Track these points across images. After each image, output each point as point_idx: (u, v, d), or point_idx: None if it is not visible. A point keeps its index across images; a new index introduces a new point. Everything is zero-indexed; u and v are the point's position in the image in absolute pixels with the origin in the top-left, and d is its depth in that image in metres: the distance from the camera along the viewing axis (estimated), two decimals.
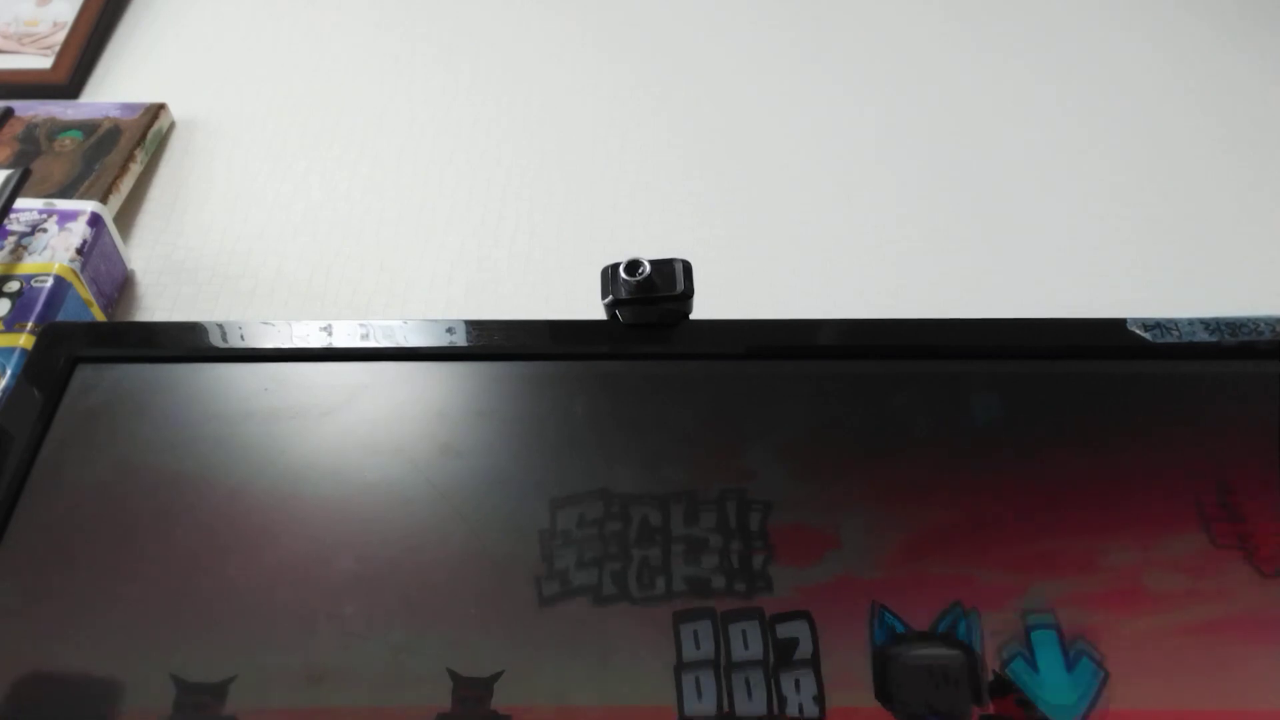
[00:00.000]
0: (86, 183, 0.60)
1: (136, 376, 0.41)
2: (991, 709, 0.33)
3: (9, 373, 0.48)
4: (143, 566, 0.36)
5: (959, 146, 0.65)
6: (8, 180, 0.54)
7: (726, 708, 0.33)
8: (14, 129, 0.64)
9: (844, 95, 0.68)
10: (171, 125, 0.68)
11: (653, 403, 0.40)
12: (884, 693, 0.33)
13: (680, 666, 0.34)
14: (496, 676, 0.34)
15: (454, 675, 0.34)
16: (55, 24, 0.73)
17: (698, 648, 0.34)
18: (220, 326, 0.42)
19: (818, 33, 0.72)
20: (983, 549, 0.36)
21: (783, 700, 0.33)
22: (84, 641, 0.35)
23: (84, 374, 0.41)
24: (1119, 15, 0.72)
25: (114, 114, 0.65)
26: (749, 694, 0.33)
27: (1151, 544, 0.36)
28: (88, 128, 0.64)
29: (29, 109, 0.66)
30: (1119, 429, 0.39)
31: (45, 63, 0.71)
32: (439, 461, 0.38)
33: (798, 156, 0.64)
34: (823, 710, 0.33)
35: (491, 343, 0.41)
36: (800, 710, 0.33)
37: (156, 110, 0.66)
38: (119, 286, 0.58)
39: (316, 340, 0.42)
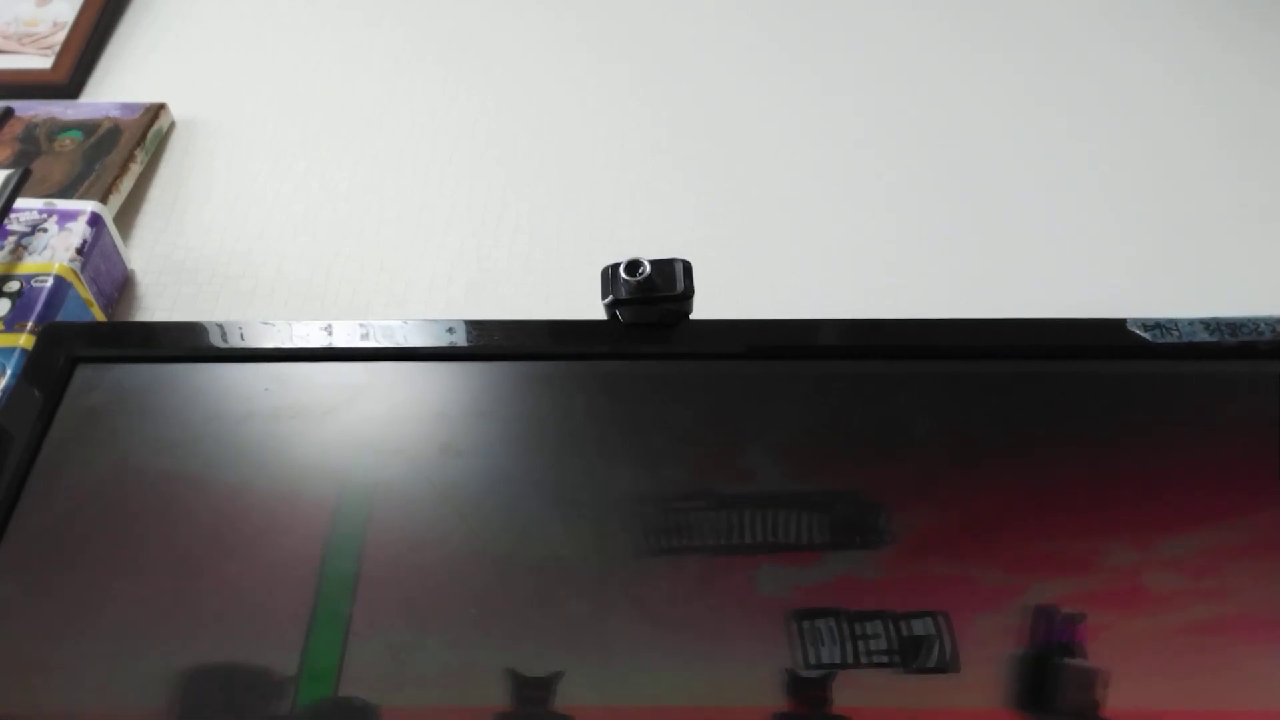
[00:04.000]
0: (86, 183, 0.60)
1: (136, 376, 0.41)
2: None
3: (9, 373, 0.48)
4: (143, 566, 0.36)
5: (959, 147, 0.65)
6: (8, 180, 0.54)
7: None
8: (14, 129, 0.64)
9: (844, 95, 0.68)
10: (171, 125, 0.68)
11: (653, 403, 0.40)
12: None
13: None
14: (495, 676, 0.34)
15: (453, 674, 0.34)
16: (55, 24, 0.73)
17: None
18: (220, 326, 0.42)
19: (818, 33, 0.72)
20: (983, 549, 0.36)
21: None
22: (84, 641, 0.35)
23: (84, 374, 0.41)
24: (1118, 15, 0.72)
25: (114, 114, 0.65)
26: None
27: (1151, 544, 0.36)
28: (88, 128, 0.64)
29: (29, 109, 0.66)
30: (1119, 429, 0.39)
31: (45, 63, 0.71)
32: (439, 461, 0.38)
33: (798, 156, 0.64)
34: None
35: (491, 343, 0.41)
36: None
37: (156, 110, 0.66)
38: (119, 286, 0.58)
39: (316, 340, 0.42)
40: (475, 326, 0.42)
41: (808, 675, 0.33)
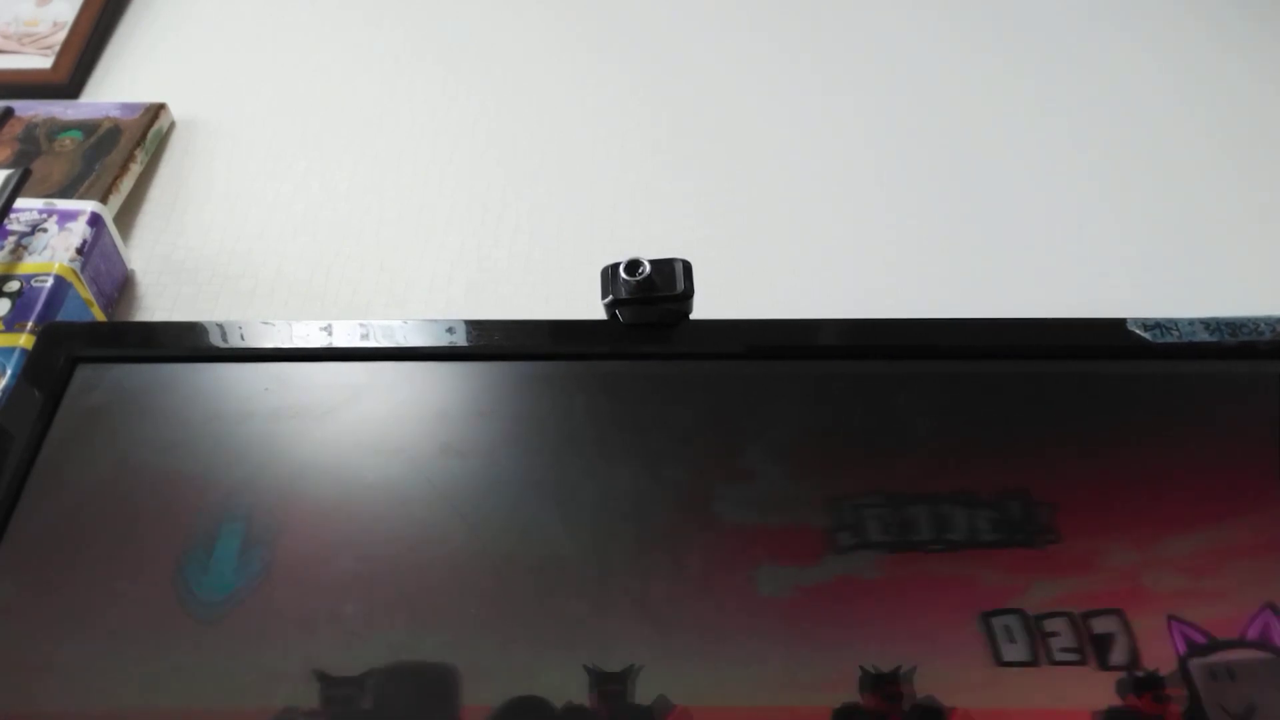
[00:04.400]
0: (86, 183, 0.60)
1: (136, 376, 0.41)
2: None
3: (9, 373, 0.48)
4: (143, 566, 0.36)
5: (958, 147, 0.65)
6: (8, 180, 0.54)
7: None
8: (14, 129, 0.64)
9: (844, 96, 0.68)
10: (171, 125, 0.68)
11: (653, 403, 0.40)
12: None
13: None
14: (495, 677, 0.34)
15: (454, 674, 0.34)
16: (55, 24, 0.73)
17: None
18: (220, 326, 0.42)
19: (817, 34, 0.72)
20: (983, 550, 0.36)
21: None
22: (84, 640, 0.35)
23: (84, 374, 0.41)
24: (1117, 16, 0.72)
25: (114, 114, 0.65)
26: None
27: (1151, 544, 0.36)
28: (88, 128, 0.64)
29: (29, 109, 0.66)
30: (1119, 429, 0.39)
31: (45, 63, 0.71)
32: (439, 461, 0.38)
33: (798, 156, 0.64)
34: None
35: (491, 343, 0.41)
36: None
37: (156, 110, 0.66)
38: (119, 286, 0.58)
39: (316, 340, 0.42)
40: (475, 326, 0.42)
41: (806, 677, 0.34)
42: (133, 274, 0.59)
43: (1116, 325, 0.41)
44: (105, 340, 0.43)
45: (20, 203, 0.56)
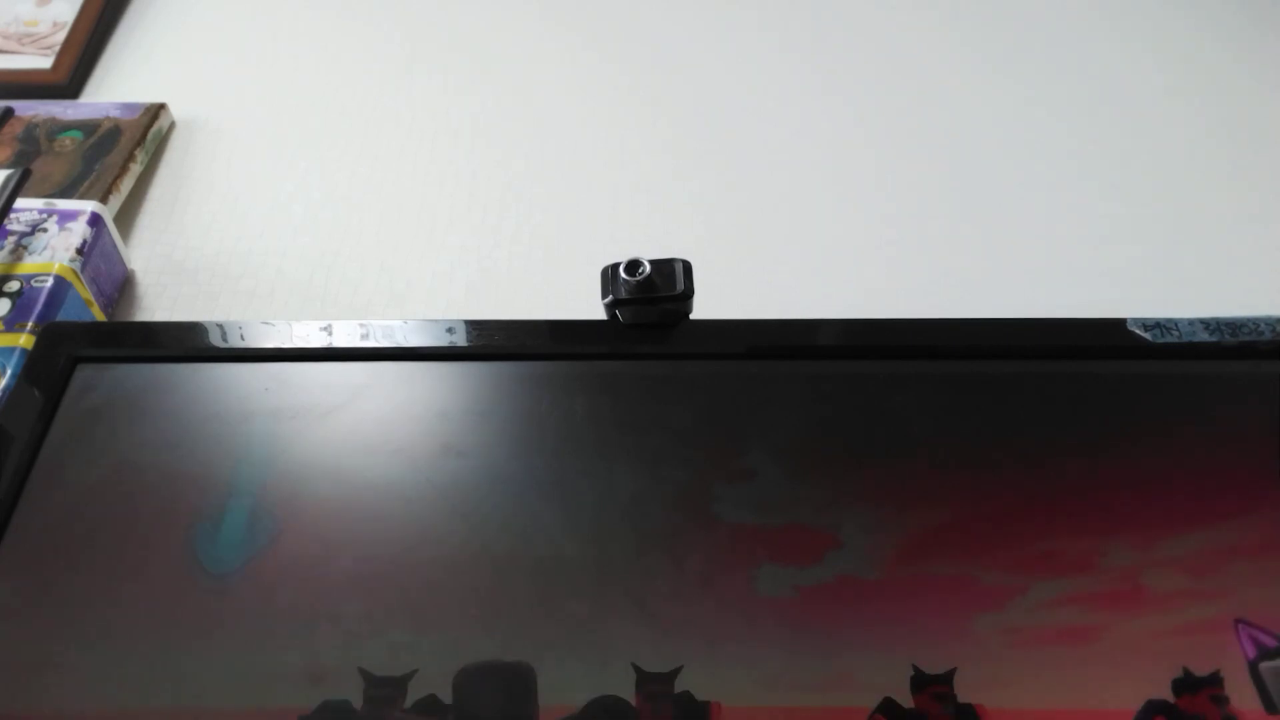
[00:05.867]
0: (86, 183, 0.60)
1: (136, 376, 0.41)
2: None
3: (9, 373, 0.48)
4: (143, 566, 0.36)
5: (958, 148, 0.65)
6: (8, 180, 0.54)
7: None
8: (14, 129, 0.64)
9: (844, 95, 0.68)
10: (171, 125, 0.68)
11: (653, 403, 0.40)
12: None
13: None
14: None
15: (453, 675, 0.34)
16: (55, 24, 0.73)
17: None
18: (220, 326, 0.42)
19: (818, 34, 0.72)
20: (983, 550, 0.36)
21: None
22: (84, 640, 0.35)
23: (84, 374, 0.41)
24: (1117, 15, 0.72)
25: (114, 114, 0.65)
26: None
27: (1151, 544, 0.36)
28: (88, 128, 0.64)
29: (29, 109, 0.66)
30: (1119, 429, 0.39)
31: (45, 63, 0.71)
32: (439, 461, 0.38)
33: (798, 156, 0.64)
34: None
35: (491, 343, 0.41)
36: None
37: (156, 110, 0.66)
38: (119, 286, 0.58)
39: (316, 340, 0.42)
40: (475, 326, 0.42)
41: (806, 676, 0.34)
42: (133, 274, 0.59)
43: (1116, 325, 0.41)
44: (105, 340, 0.43)
45: (20, 203, 0.56)
